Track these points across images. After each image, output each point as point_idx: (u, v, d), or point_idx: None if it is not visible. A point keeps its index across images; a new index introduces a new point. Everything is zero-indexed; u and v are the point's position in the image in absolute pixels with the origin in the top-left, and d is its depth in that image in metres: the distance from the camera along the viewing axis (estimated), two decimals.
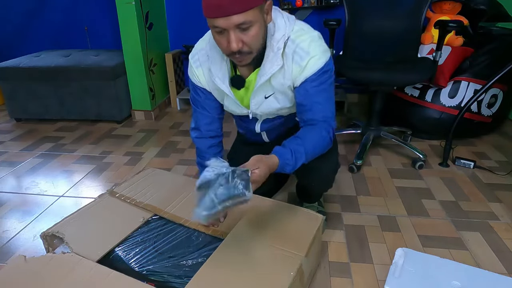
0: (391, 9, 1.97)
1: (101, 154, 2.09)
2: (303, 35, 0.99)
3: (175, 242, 1.07)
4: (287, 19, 0.99)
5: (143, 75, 2.51)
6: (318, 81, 1.01)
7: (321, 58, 0.99)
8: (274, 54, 0.97)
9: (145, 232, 1.11)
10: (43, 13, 2.96)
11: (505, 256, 1.22)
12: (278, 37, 0.97)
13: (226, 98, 1.13)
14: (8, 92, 2.54)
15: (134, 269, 0.98)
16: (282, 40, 0.97)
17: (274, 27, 0.97)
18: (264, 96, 1.08)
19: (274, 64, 0.98)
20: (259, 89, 1.05)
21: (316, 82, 1.01)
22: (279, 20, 0.98)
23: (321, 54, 0.99)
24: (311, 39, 0.99)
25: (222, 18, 0.84)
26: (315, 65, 0.99)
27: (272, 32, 0.97)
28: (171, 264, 0.99)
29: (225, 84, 1.05)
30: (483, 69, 1.95)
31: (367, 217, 1.45)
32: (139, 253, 1.03)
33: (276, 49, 0.97)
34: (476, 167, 1.79)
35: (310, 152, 1.01)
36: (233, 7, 0.82)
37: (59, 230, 1.09)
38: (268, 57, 0.98)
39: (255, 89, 1.04)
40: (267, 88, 1.06)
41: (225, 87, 1.05)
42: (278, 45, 0.96)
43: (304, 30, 1.01)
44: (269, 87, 1.05)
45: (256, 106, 1.11)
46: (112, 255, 1.03)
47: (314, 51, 0.98)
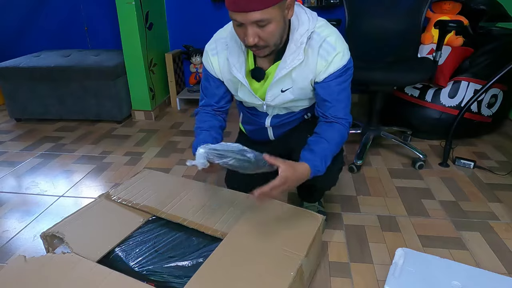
0: (391, 9, 1.97)
1: (101, 154, 2.09)
2: (328, 29, 1.01)
3: (175, 242, 1.07)
4: (310, 15, 1.00)
5: (143, 75, 2.51)
6: (342, 78, 1.03)
7: (345, 55, 1.02)
8: (297, 48, 0.98)
9: (145, 232, 1.11)
10: (43, 13, 2.96)
11: (505, 256, 1.22)
12: (301, 32, 0.98)
13: (240, 89, 1.14)
14: (8, 92, 2.54)
15: (134, 269, 0.98)
16: (305, 35, 0.98)
17: (298, 22, 0.98)
18: (281, 89, 1.08)
19: (295, 58, 0.99)
20: (277, 82, 1.05)
21: (340, 78, 1.03)
22: (303, 15, 0.99)
23: (346, 51, 1.02)
24: (337, 35, 1.02)
25: (240, 14, 0.86)
26: (340, 61, 1.01)
27: (296, 27, 0.98)
28: (171, 264, 0.99)
29: (241, 74, 1.06)
30: (483, 69, 1.95)
31: (367, 217, 1.45)
32: (139, 253, 1.03)
33: (299, 44, 0.98)
34: (476, 167, 1.79)
35: (334, 153, 1.06)
36: (251, 4, 0.84)
37: (59, 230, 1.09)
38: (290, 51, 0.99)
39: (273, 82, 1.05)
40: (286, 81, 1.06)
41: (241, 76, 1.06)
42: (301, 40, 0.98)
43: (327, 25, 1.03)
44: (289, 80, 1.06)
45: (272, 98, 1.11)
46: (112, 255, 1.03)
47: (340, 47, 1.00)
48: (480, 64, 1.97)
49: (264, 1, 0.84)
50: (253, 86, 1.11)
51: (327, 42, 0.99)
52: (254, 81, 1.09)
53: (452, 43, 2.03)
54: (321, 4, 2.50)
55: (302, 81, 1.06)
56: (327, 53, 0.99)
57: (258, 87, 1.11)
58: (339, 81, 1.03)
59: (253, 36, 0.89)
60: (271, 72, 1.06)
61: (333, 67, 1.01)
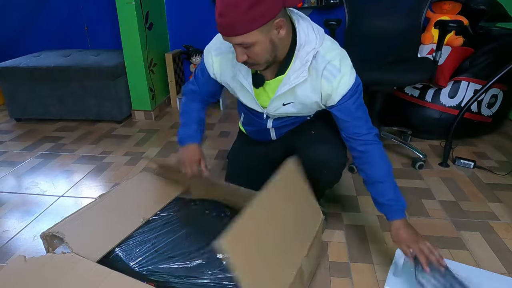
0: (391, 9, 1.97)
1: (101, 154, 2.09)
2: (333, 50, 1.00)
3: (175, 242, 1.07)
4: (317, 33, 0.98)
5: (143, 75, 2.51)
6: (355, 97, 1.03)
7: (351, 75, 1.01)
8: (302, 65, 0.98)
9: (145, 232, 1.11)
10: (43, 13, 2.96)
11: (505, 256, 1.22)
12: (308, 50, 0.97)
13: (242, 93, 1.14)
14: (8, 92, 2.54)
15: (134, 269, 0.98)
16: (312, 53, 0.97)
17: (305, 39, 0.97)
18: (282, 103, 1.09)
19: (300, 76, 0.99)
20: (279, 96, 1.06)
21: (354, 98, 1.03)
22: (311, 33, 0.97)
23: (351, 71, 1.01)
24: (341, 56, 1.01)
25: (224, 36, 0.90)
26: (348, 82, 1.00)
27: (303, 43, 0.96)
28: (171, 264, 0.99)
29: (247, 81, 1.06)
30: (483, 69, 1.95)
31: (367, 217, 1.45)
32: (139, 253, 1.03)
33: (305, 61, 0.97)
34: (476, 167, 1.79)
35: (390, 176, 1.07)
36: (231, 30, 0.86)
37: (59, 230, 1.08)
38: (295, 67, 0.98)
39: (275, 96, 1.05)
40: (289, 96, 1.06)
41: (247, 83, 1.07)
42: (307, 58, 0.97)
43: (333, 46, 1.02)
44: (291, 95, 1.06)
45: (274, 110, 1.13)
46: (112, 255, 1.03)
47: (345, 69, 0.99)
48: (480, 64, 1.97)
49: (243, 28, 0.84)
50: (258, 92, 1.11)
51: (332, 64, 0.99)
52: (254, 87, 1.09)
53: (452, 43, 2.03)
54: (321, 4, 2.50)
55: (304, 98, 1.06)
56: (332, 75, 0.99)
57: (260, 93, 1.11)
58: (353, 100, 1.03)
59: (241, 55, 0.91)
60: (273, 84, 1.06)
61: (344, 89, 1.00)
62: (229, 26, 0.85)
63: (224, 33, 0.88)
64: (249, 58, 0.93)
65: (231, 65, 1.09)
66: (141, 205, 1.22)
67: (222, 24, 0.86)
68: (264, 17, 0.84)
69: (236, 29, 0.85)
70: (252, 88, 1.07)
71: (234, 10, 0.82)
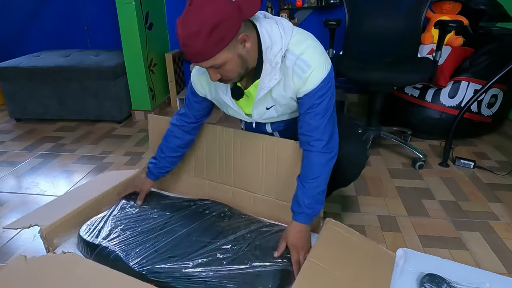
0: (391, 9, 1.97)
1: (101, 154, 2.09)
2: (301, 44, 0.97)
3: (175, 242, 1.07)
4: (283, 31, 0.95)
5: (143, 75, 2.51)
6: (321, 93, 0.99)
7: (322, 69, 0.97)
8: (272, 68, 0.96)
9: (144, 232, 1.12)
10: (43, 13, 2.96)
11: (505, 256, 1.22)
12: (275, 51, 0.94)
13: (227, 108, 1.14)
14: (8, 92, 2.54)
15: (134, 269, 0.98)
16: (279, 54, 0.94)
17: (271, 41, 0.94)
18: (265, 107, 1.08)
19: (272, 78, 0.97)
20: (260, 101, 1.05)
21: (319, 93, 0.99)
22: (275, 33, 0.95)
23: (323, 65, 0.97)
24: (311, 50, 0.97)
25: (193, 63, 0.91)
26: (318, 77, 0.97)
27: (269, 46, 0.94)
28: (171, 264, 0.99)
29: (227, 96, 1.07)
30: (483, 69, 1.95)
31: (367, 217, 1.45)
32: (139, 253, 1.03)
33: (274, 64, 0.95)
34: (476, 167, 1.79)
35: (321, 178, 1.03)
36: (196, 58, 0.87)
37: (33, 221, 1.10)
38: (267, 71, 0.97)
39: (256, 102, 1.05)
40: (268, 100, 1.06)
41: (228, 98, 1.07)
42: (276, 60, 0.94)
43: (302, 39, 0.98)
44: (270, 99, 1.05)
45: (259, 116, 1.12)
46: (112, 255, 1.03)
47: (316, 63, 0.96)
48: (480, 64, 1.97)
49: (209, 53, 0.85)
50: (239, 104, 1.11)
51: (301, 59, 0.95)
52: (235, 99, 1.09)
53: (452, 43, 2.03)
54: (321, 4, 2.50)
55: (283, 99, 1.04)
56: (302, 70, 0.96)
57: (244, 104, 1.11)
58: (318, 94, 0.99)
59: (214, 75, 0.92)
60: (252, 91, 1.05)
61: (312, 84, 0.97)
62: (195, 55, 0.86)
63: (193, 60, 0.89)
64: (222, 77, 0.93)
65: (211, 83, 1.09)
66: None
67: (188, 54, 0.87)
68: (226, 37, 0.85)
69: (202, 56, 0.86)
70: (233, 102, 1.07)
71: (196, 39, 0.82)
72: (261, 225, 1.15)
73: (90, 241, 1.09)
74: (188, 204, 1.27)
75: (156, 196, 1.34)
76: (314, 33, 1.04)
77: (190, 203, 1.27)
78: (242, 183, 1.29)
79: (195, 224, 1.15)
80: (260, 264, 0.97)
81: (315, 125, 1.00)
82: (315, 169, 1.02)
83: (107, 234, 1.11)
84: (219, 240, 1.07)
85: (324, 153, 1.02)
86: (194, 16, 0.82)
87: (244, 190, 1.29)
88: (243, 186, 1.29)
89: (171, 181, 1.43)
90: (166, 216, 1.19)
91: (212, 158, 1.33)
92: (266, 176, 1.23)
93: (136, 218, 1.19)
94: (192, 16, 0.83)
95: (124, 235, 1.11)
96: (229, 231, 1.11)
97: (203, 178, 1.37)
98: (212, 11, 0.81)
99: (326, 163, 1.03)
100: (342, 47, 2.00)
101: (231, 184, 1.32)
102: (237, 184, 1.31)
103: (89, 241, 1.09)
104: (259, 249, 1.04)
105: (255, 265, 0.97)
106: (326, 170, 1.03)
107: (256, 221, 1.18)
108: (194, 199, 1.30)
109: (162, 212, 1.22)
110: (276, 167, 1.20)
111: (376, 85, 1.85)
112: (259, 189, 1.26)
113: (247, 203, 1.29)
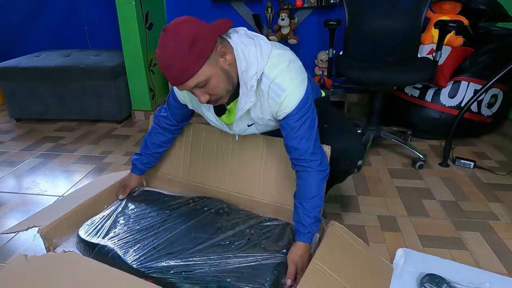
0: (391, 9, 1.97)
1: (101, 154, 2.09)
2: (277, 67, 0.96)
3: (174, 239, 1.08)
4: (260, 54, 0.94)
5: (143, 75, 2.50)
6: (299, 114, 0.98)
7: (297, 92, 0.96)
8: (248, 91, 0.95)
9: (143, 230, 1.12)
10: (43, 13, 2.96)
11: (505, 256, 1.22)
12: (251, 74, 0.93)
13: (211, 122, 1.16)
14: (8, 92, 2.54)
15: (133, 267, 0.99)
16: (255, 77, 0.93)
17: (247, 63, 0.93)
18: (246, 124, 1.09)
19: (248, 101, 0.96)
20: (239, 119, 1.05)
21: (297, 115, 0.98)
22: (252, 55, 0.93)
23: (297, 87, 0.96)
24: (285, 72, 0.95)
25: (179, 86, 0.90)
26: (292, 101, 0.96)
27: (244, 69, 0.93)
28: (169, 261, 0.99)
29: (210, 112, 1.09)
30: (483, 69, 1.95)
31: (367, 217, 1.45)
32: (137, 250, 1.04)
33: (250, 87, 0.94)
34: (476, 167, 1.79)
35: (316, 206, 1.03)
36: (179, 79, 0.87)
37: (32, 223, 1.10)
38: (243, 93, 0.96)
39: (235, 121, 1.06)
40: (247, 119, 1.07)
41: (211, 114, 1.09)
42: (251, 83, 0.94)
43: (280, 62, 0.96)
44: (249, 118, 1.06)
45: (241, 132, 1.14)
46: (111, 254, 1.03)
47: (290, 86, 0.95)
48: (480, 64, 1.97)
49: (192, 69, 0.85)
50: (222, 118, 1.12)
51: (275, 83, 0.94)
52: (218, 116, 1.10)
53: (452, 43, 2.03)
54: (321, 4, 2.50)
55: (261, 120, 1.05)
56: (276, 95, 0.95)
57: (225, 119, 1.12)
58: (297, 117, 0.98)
59: (202, 96, 0.91)
60: (233, 108, 1.06)
61: (288, 107, 0.96)
62: (179, 74, 0.86)
63: (178, 81, 0.88)
64: (211, 96, 0.92)
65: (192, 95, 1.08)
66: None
67: (173, 75, 0.87)
68: (205, 50, 0.86)
69: (186, 74, 0.86)
70: (216, 118, 1.10)
71: (177, 57, 0.84)
72: (259, 220, 1.17)
73: (89, 240, 1.09)
74: (187, 202, 1.28)
75: (154, 194, 1.34)
76: (314, 33, 1.04)
77: (188, 200, 1.28)
78: (237, 186, 1.30)
79: (194, 221, 1.16)
80: (259, 258, 0.99)
81: (305, 149, 1.01)
82: (313, 188, 1.03)
83: (105, 233, 1.12)
84: (218, 235, 1.08)
85: (319, 172, 1.03)
86: (171, 38, 0.86)
87: (240, 194, 1.29)
88: (239, 190, 1.30)
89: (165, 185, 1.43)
90: (165, 214, 1.20)
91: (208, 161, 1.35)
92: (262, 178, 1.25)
93: (134, 217, 1.20)
94: (169, 39, 0.86)
95: (123, 233, 1.11)
96: (228, 227, 1.13)
97: (197, 182, 1.37)
98: (187, 29, 0.85)
99: (322, 181, 1.04)
100: (342, 47, 2.00)
101: (225, 188, 1.32)
102: (232, 188, 1.31)
103: (88, 241, 1.09)
104: (258, 244, 1.05)
105: (253, 259, 0.98)
106: (322, 187, 1.05)
107: (255, 216, 1.20)
108: (192, 197, 1.31)
109: (161, 210, 1.23)
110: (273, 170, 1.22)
111: (376, 85, 1.85)
112: (255, 192, 1.26)
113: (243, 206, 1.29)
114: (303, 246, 1.01)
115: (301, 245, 1.01)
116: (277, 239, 1.08)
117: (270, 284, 0.91)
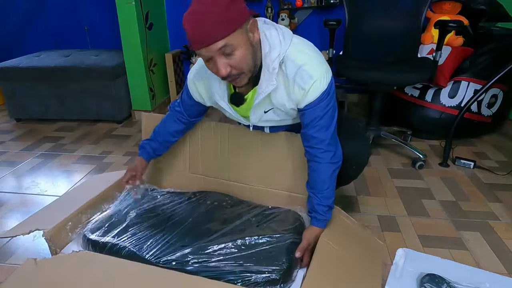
0: (391, 9, 1.97)
1: (101, 154, 2.09)
2: (303, 53, 0.96)
3: (184, 232, 1.10)
4: (282, 37, 0.94)
5: (143, 75, 2.50)
6: (324, 103, 0.99)
7: (324, 80, 0.97)
8: (270, 73, 0.94)
9: (151, 226, 1.13)
10: (43, 13, 2.96)
11: (505, 256, 1.22)
12: (273, 57, 0.93)
13: (226, 112, 1.15)
14: (8, 92, 2.54)
15: (151, 261, 0.99)
16: (277, 59, 0.93)
17: (269, 46, 0.93)
18: (263, 110, 1.08)
19: (269, 84, 0.96)
20: (258, 105, 1.04)
21: (322, 103, 0.98)
22: (274, 38, 0.94)
23: (324, 75, 0.97)
24: (314, 60, 0.96)
25: (204, 49, 0.85)
26: (319, 88, 0.96)
27: (267, 50, 0.93)
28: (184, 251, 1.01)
29: (224, 101, 1.07)
30: (483, 69, 1.95)
31: (367, 217, 1.45)
32: (150, 246, 1.04)
33: (272, 69, 0.94)
34: (476, 167, 1.79)
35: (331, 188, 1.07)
36: (212, 35, 0.82)
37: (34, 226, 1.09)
38: (265, 76, 0.96)
39: (253, 107, 1.04)
40: (266, 104, 1.05)
41: (225, 104, 1.07)
42: (273, 65, 0.93)
43: (304, 49, 0.97)
44: (269, 103, 1.05)
45: (257, 120, 1.12)
46: (124, 251, 1.04)
47: (318, 73, 0.95)
48: (480, 64, 1.97)
49: (225, 28, 0.82)
50: (237, 109, 1.11)
51: (304, 70, 0.94)
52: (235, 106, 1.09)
53: (452, 43, 2.03)
54: (321, 4, 2.50)
55: (281, 105, 1.03)
56: (303, 81, 0.94)
57: (242, 109, 1.10)
58: (322, 106, 0.99)
59: (224, 66, 0.87)
60: (251, 97, 1.05)
61: (313, 95, 0.96)
62: (209, 32, 0.82)
63: (206, 41, 0.83)
64: (232, 69, 0.89)
65: (210, 87, 1.08)
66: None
67: (203, 34, 0.83)
68: (240, 16, 0.84)
69: (218, 32, 0.82)
70: (229, 106, 1.07)
71: (213, 14, 0.81)
72: (263, 209, 1.21)
73: (98, 240, 1.08)
74: (189, 197, 1.30)
75: (156, 192, 1.35)
76: (314, 33, 1.05)
77: (190, 196, 1.31)
78: (238, 177, 1.33)
79: (200, 214, 1.19)
80: (270, 241, 1.04)
81: (322, 138, 1.01)
82: (325, 180, 1.05)
83: (114, 232, 1.11)
84: (227, 225, 1.11)
85: (332, 164, 1.04)
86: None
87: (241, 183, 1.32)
88: (240, 180, 1.33)
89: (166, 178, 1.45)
90: (170, 210, 1.22)
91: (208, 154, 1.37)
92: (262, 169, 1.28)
93: (140, 214, 1.20)
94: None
95: (132, 231, 1.11)
96: (234, 217, 1.16)
97: (199, 174, 1.39)
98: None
99: (333, 173, 1.06)
100: (342, 47, 2.00)
101: (227, 178, 1.35)
102: (233, 178, 1.34)
103: (97, 241, 1.08)
104: (266, 230, 1.10)
105: (265, 243, 1.03)
106: (333, 179, 1.07)
107: (258, 206, 1.23)
108: (194, 192, 1.33)
109: (165, 206, 1.24)
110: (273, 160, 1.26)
111: (376, 85, 1.85)
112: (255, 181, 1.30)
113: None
114: (318, 229, 1.06)
115: (316, 229, 1.06)
116: (283, 221, 1.14)
117: (287, 264, 0.96)
